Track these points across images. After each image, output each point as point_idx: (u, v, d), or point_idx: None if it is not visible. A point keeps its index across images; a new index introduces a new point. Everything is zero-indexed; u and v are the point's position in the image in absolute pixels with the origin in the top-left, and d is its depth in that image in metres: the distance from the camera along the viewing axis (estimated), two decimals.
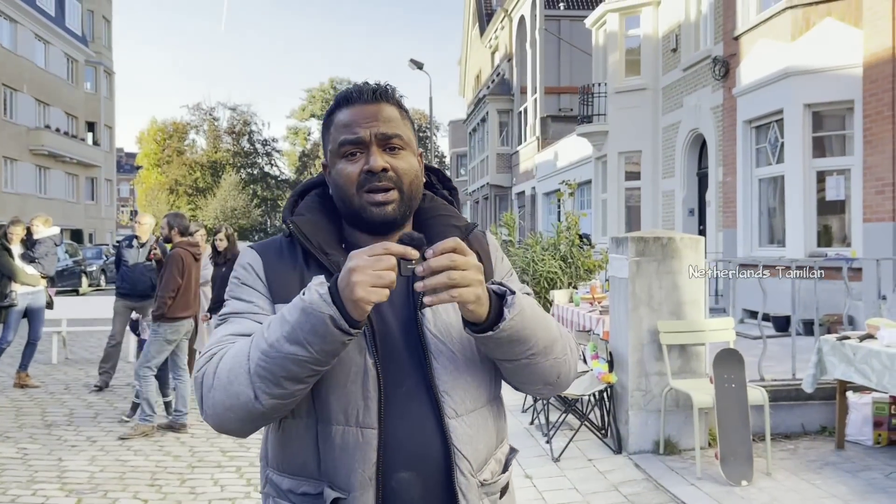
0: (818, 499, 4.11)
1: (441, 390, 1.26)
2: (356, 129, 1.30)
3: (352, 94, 1.33)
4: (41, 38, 32.79)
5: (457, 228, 1.39)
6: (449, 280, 1.09)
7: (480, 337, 1.20)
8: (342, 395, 1.24)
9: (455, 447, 1.25)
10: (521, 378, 1.32)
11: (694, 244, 5.20)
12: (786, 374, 5.58)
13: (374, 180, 1.28)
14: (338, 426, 1.24)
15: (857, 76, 8.78)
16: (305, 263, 1.31)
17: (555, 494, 4.33)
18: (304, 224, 1.33)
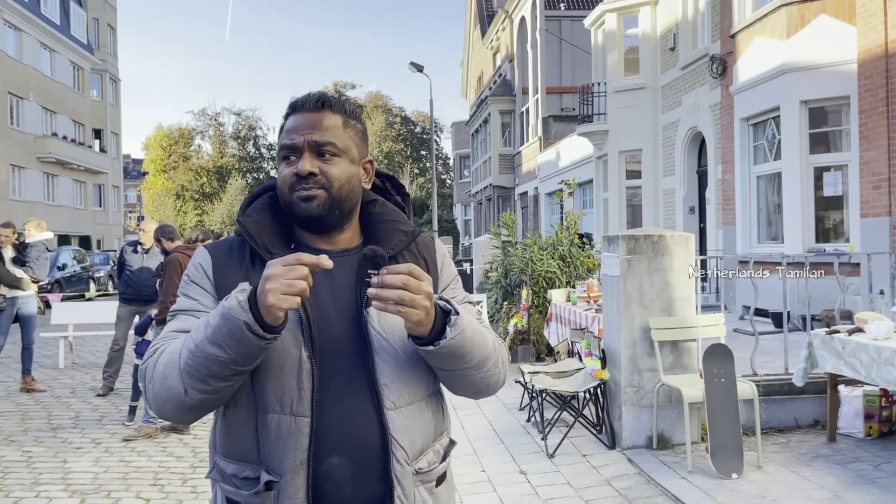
0: (807, 490, 4.18)
1: (381, 383, 1.35)
2: (293, 135, 1.40)
3: (297, 103, 1.43)
4: (47, 47, 33.06)
5: (403, 233, 1.48)
6: (398, 298, 1.19)
7: (421, 349, 1.30)
8: (278, 385, 1.32)
9: (392, 436, 1.34)
10: (451, 384, 1.43)
11: (684, 241, 5.27)
12: (780, 370, 5.64)
13: (303, 183, 1.37)
14: (273, 414, 1.32)
15: (852, 72, 8.82)
16: (252, 263, 1.40)
17: (549, 490, 4.40)
18: (251, 224, 1.42)
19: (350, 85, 57.19)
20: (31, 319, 7.69)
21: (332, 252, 1.38)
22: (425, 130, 51.69)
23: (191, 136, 55.99)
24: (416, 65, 25.07)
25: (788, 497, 4.08)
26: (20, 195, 30.48)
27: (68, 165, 34.49)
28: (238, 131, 56.11)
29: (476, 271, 13.11)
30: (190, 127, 55.90)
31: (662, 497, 4.20)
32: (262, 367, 1.31)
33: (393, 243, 1.45)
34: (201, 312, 1.37)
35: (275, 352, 1.30)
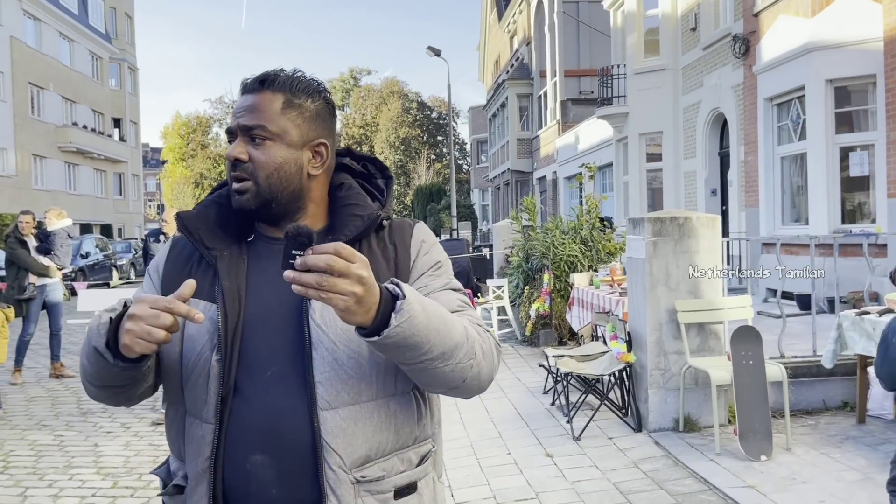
0: (837, 472, 4.15)
1: (317, 381, 1.23)
2: (232, 117, 1.34)
3: (244, 85, 1.35)
4: (66, 37, 33.30)
5: (358, 217, 1.35)
6: (317, 283, 1.04)
7: (366, 341, 1.14)
8: (191, 389, 1.28)
9: (323, 439, 1.22)
10: (421, 380, 1.26)
11: (711, 223, 5.22)
12: (808, 352, 5.59)
13: (233, 171, 1.31)
14: (190, 417, 1.29)
15: (878, 50, 8.65)
16: (198, 259, 1.34)
17: (575, 472, 4.41)
18: (191, 218, 1.35)
19: (366, 71, 57.16)
20: (57, 307, 7.81)
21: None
22: (441, 115, 51.53)
23: (208, 124, 56.24)
24: (434, 49, 24.96)
25: (819, 479, 4.06)
26: (42, 184, 30.84)
27: (89, 155, 34.81)
28: None
29: (496, 256, 13.09)
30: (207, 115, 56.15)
31: (691, 479, 4.19)
32: (183, 369, 1.28)
33: (347, 229, 1.33)
34: None
35: (193, 353, 1.27)
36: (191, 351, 1.27)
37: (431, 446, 1.38)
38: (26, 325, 7.58)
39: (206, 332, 1.25)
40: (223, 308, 1.26)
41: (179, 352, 1.29)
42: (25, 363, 7.72)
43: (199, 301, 1.26)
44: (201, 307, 1.26)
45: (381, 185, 1.46)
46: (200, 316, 1.11)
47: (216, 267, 1.30)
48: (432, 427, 1.39)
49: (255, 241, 1.36)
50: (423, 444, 1.35)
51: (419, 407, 1.34)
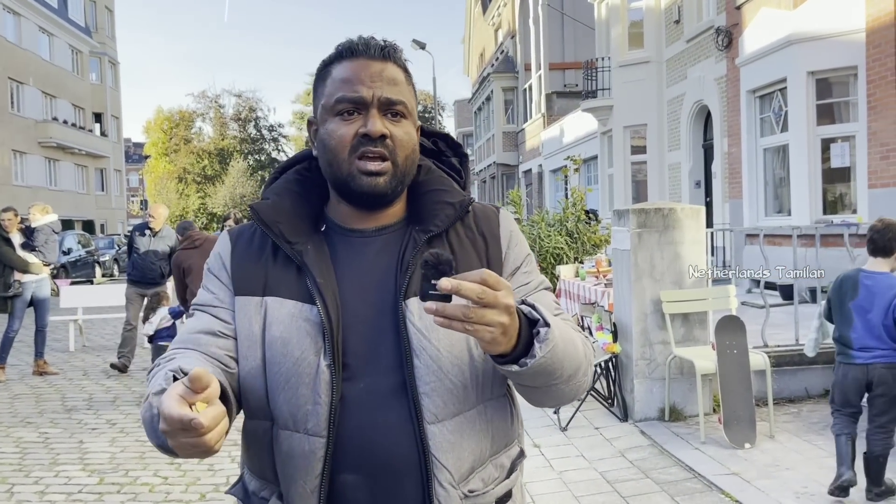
0: (819, 458, 4.21)
1: (421, 392, 1.12)
2: (358, 86, 1.15)
3: (357, 47, 1.18)
4: (45, 31, 32.87)
5: (448, 205, 1.22)
6: (464, 316, 0.94)
7: (503, 369, 1.05)
8: (291, 398, 1.12)
9: (433, 455, 1.11)
10: (532, 398, 1.18)
11: (695, 214, 5.26)
12: (790, 341, 5.66)
13: (370, 145, 1.14)
14: (286, 431, 1.13)
15: (860, 42, 8.74)
16: (273, 253, 1.20)
17: (562, 462, 4.44)
18: (267, 210, 1.21)
19: None
20: (44, 302, 7.76)
21: (366, 231, 1.21)
22: (427, 109, 51.44)
23: (191, 118, 55.77)
24: (419, 42, 24.90)
25: (801, 465, 4.12)
26: (23, 181, 30.47)
27: (70, 150, 34.44)
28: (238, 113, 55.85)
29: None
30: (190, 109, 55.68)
31: (676, 467, 4.24)
32: (274, 376, 1.13)
33: (438, 219, 1.20)
34: (219, 309, 1.19)
35: (289, 358, 1.12)
36: (285, 356, 1.13)
37: (519, 448, 1.28)
38: (11, 322, 7.50)
39: (305, 335, 1.12)
40: (324, 307, 1.12)
41: (262, 359, 1.15)
42: (8, 361, 7.65)
43: (286, 301, 1.15)
44: (289, 307, 1.14)
45: (454, 163, 1.33)
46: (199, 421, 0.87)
47: (304, 263, 1.15)
48: (518, 427, 1.28)
49: (330, 233, 1.22)
50: (513, 447, 1.26)
51: (512, 408, 1.25)
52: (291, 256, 1.16)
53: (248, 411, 1.19)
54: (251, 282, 1.17)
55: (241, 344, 1.17)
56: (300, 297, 1.14)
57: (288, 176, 1.27)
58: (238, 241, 1.24)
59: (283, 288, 1.15)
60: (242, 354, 1.16)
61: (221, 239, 1.28)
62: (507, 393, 1.24)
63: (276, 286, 1.16)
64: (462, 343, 1.14)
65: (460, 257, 1.19)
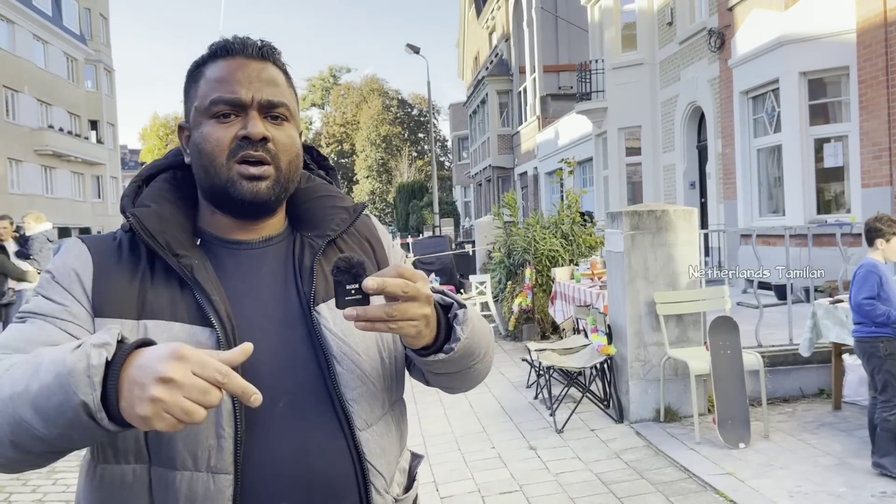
0: (813, 457, 4.23)
1: (348, 399, 1.06)
2: (235, 86, 1.07)
3: (233, 45, 1.10)
4: (39, 39, 32.86)
5: (343, 210, 1.19)
6: (387, 315, 0.92)
7: (426, 361, 1.04)
8: (189, 434, 0.98)
9: (369, 462, 1.07)
10: (449, 385, 1.17)
11: (687, 216, 5.29)
12: (784, 341, 5.69)
13: (250, 148, 1.06)
14: (185, 472, 0.99)
15: (851, 42, 8.79)
16: (150, 267, 1.06)
17: (558, 464, 4.46)
18: (149, 218, 1.07)
19: (346, 69, 57.00)
20: None
21: (252, 243, 1.12)
22: (422, 113, 51.48)
23: None
24: (413, 46, 24.94)
25: (795, 464, 4.14)
26: (19, 189, 30.44)
27: (66, 157, 34.41)
28: None
29: (479, 252, 13.15)
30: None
31: (671, 468, 4.26)
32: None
33: (333, 224, 1.16)
34: (68, 324, 1.00)
35: None
36: None
37: (409, 452, 1.25)
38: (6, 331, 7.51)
39: None
40: (221, 327, 1.01)
41: None
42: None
43: (171, 324, 1.01)
44: (175, 331, 1.00)
45: (323, 175, 1.27)
46: (258, 398, 0.82)
47: (194, 279, 1.03)
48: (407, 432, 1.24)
49: (209, 246, 1.11)
50: (406, 451, 1.23)
51: (405, 411, 1.23)
52: (179, 271, 1.04)
53: (111, 454, 1.01)
54: (121, 303, 1.02)
55: None
56: (188, 319, 1.02)
57: (159, 184, 1.15)
58: (100, 254, 1.07)
59: (164, 309, 1.02)
60: None
61: (73, 248, 1.09)
62: (403, 394, 1.22)
63: (157, 307, 1.02)
64: (374, 345, 1.12)
65: None
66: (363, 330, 0.94)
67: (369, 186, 47.84)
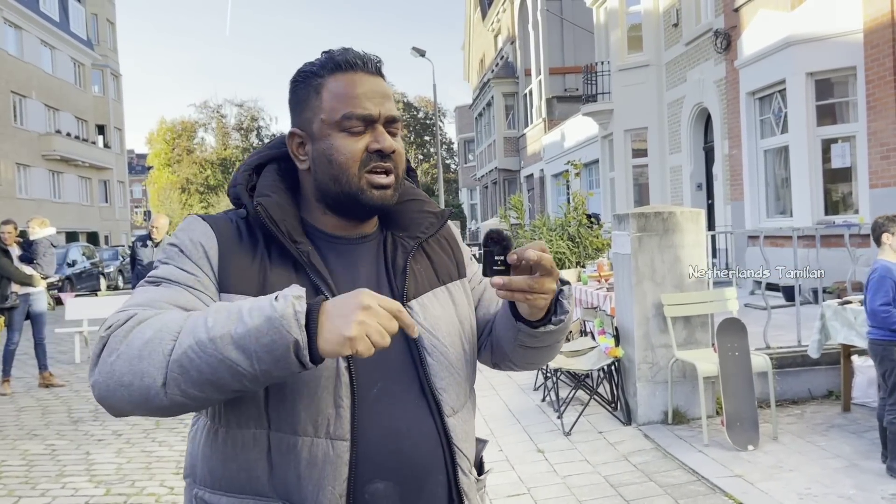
0: (822, 460, 4.21)
1: (438, 388, 1.17)
2: (366, 103, 1.16)
3: (355, 61, 1.18)
4: (47, 44, 33.05)
5: (431, 214, 1.29)
6: (528, 286, 1.05)
7: (537, 331, 1.17)
8: (311, 403, 1.08)
9: (456, 446, 1.18)
10: (533, 360, 1.29)
11: (694, 217, 5.28)
12: (793, 342, 5.66)
13: (380, 161, 1.16)
14: (305, 437, 1.08)
15: (858, 42, 8.76)
16: (267, 251, 1.15)
17: (566, 466, 4.45)
18: (273, 207, 1.16)
19: None
20: (41, 316, 7.79)
21: (350, 238, 1.22)
22: (428, 115, 51.52)
23: (193, 129, 55.93)
24: (419, 49, 24.96)
25: (804, 466, 4.12)
26: (27, 193, 30.60)
27: (73, 162, 34.58)
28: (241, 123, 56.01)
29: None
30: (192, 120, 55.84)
31: (680, 470, 4.24)
32: (287, 380, 1.07)
33: (423, 227, 1.26)
34: (200, 293, 1.10)
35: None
36: None
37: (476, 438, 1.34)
38: (10, 335, 7.55)
39: None
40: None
41: None
42: (14, 374, 7.69)
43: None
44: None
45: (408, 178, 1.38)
46: (418, 329, 0.97)
47: (310, 263, 1.13)
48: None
49: (312, 238, 1.20)
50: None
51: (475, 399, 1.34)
52: (297, 256, 1.14)
53: (233, 420, 1.11)
54: (244, 280, 1.11)
55: None
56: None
57: (272, 175, 1.23)
58: (223, 234, 1.15)
59: (283, 287, 1.07)
60: None
61: (196, 225, 1.17)
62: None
63: (277, 287, 1.06)
64: (458, 337, 1.22)
65: (438, 261, 1.28)
66: (503, 297, 1.08)
67: None
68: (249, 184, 1.22)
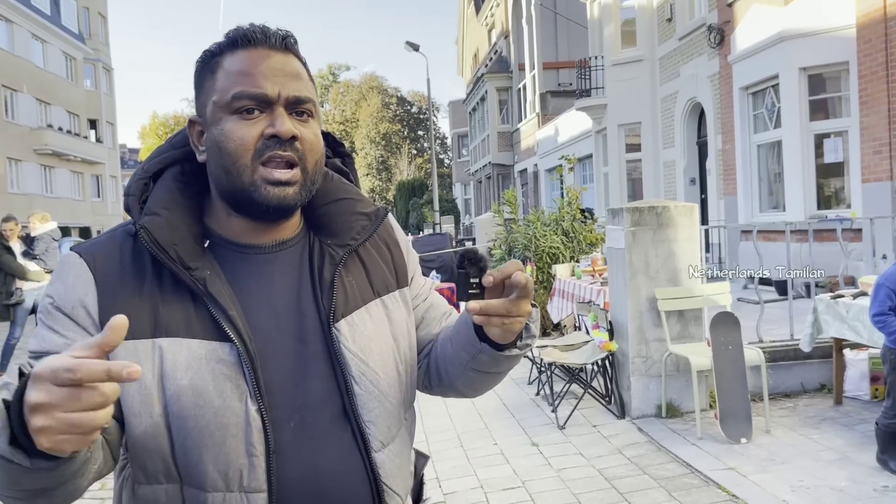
0: (815, 452, 4.24)
1: (365, 420, 1.03)
2: (260, 80, 0.98)
3: (255, 35, 1.00)
4: (38, 38, 32.85)
5: (363, 216, 1.11)
6: (506, 311, 0.92)
7: (501, 355, 1.03)
8: (219, 455, 0.95)
9: (384, 483, 1.04)
10: (483, 387, 1.15)
11: (688, 212, 5.30)
12: (786, 336, 5.70)
13: (278, 148, 0.98)
14: (216, 493, 0.96)
15: (850, 37, 8.79)
16: (157, 280, 0.98)
17: (560, 460, 4.47)
18: (160, 230, 0.98)
19: (345, 67, 57.00)
20: None
21: (264, 247, 1.05)
22: (422, 110, 51.48)
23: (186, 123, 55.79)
24: (412, 44, 24.93)
25: (797, 459, 4.15)
26: (18, 188, 30.46)
27: (65, 157, 34.43)
28: None
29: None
30: (185, 114, 55.64)
31: (673, 463, 4.27)
32: (189, 431, 0.94)
33: (354, 232, 1.09)
34: None
35: (209, 409, 0.94)
36: (202, 407, 0.94)
37: (415, 453, 1.21)
38: (13, 330, 7.58)
39: (223, 378, 0.95)
40: (242, 343, 0.96)
41: (163, 414, 0.94)
42: (11, 368, 7.67)
43: (188, 341, 0.95)
44: (194, 349, 0.95)
45: (338, 164, 1.19)
46: (136, 369, 0.70)
47: (208, 293, 0.97)
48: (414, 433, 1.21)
49: (217, 250, 1.03)
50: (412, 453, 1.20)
51: (414, 416, 1.18)
52: (191, 286, 0.96)
53: (141, 475, 0.98)
54: (133, 321, 0.88)
55: (129, 398, 0.94)
56: (205, 335, 0.96)
57: (168, 184, 1.05)
58: (100, 268, 0.98)
59: (180, 326, 0.96)
60: (133, 411, 0.94)
61: (70, 267, 0.98)
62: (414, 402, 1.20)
63: (171, 324, 0.95)
64: (392, 361, 1.08)
65: (374, 270, 1.12)
66: (479, 322, 0.95)
67: (369, 184, 47.85)
68: (144, 195, 1.04)
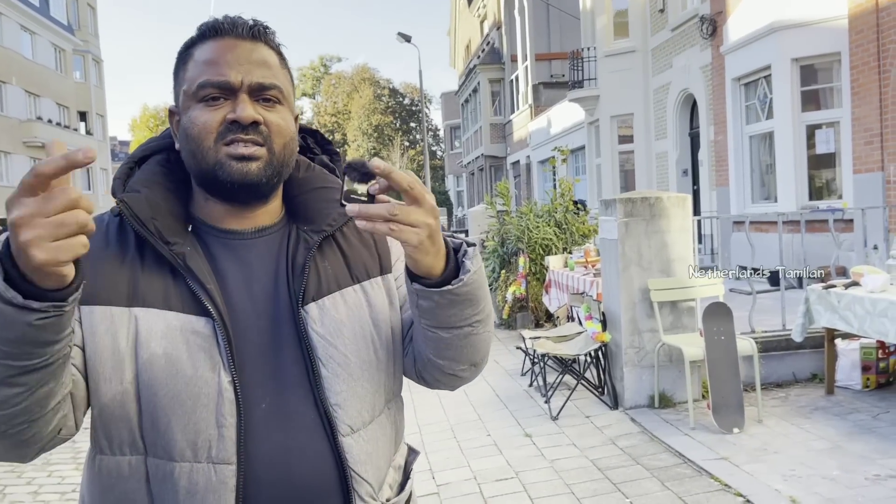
0: (807, 441, 4.26)
1: (332, 403, 1.03)
2: (224, 69, 1.02)
3: (222, 26, 1.04)
4: (27, 29, 32.57)
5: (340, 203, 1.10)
6: (388, 213, 0.88)
7: (437, 291, 0.97)
8: (188, 424, 0.97)
9: (352, 470, 1.04)
10: (453, 353, 1.07)
11: (681, 203, 5.30)
12: (778, 326, 5.71)
13: (239, 132, 1.01)
14: (183, 463, 0.97)
15: (842, 28, 8.80)
16: (139, 254, 1.02)
17: (554, 451, 4.48)
18: (139, 203, 1.02)
19: (336, 58, 56.79)
20: None
21: (244, 232, 1.08)
22: (414, 102, 51.34)
23: None
24: (404, 35, 24.83)
25: (789, 449, 4.17)
26: (8, 181, 30.27)
27: None
28: None
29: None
30: None
31: (666, 454, 4.28)
32: (159, 399, 0.96)
33: (330, 218, 1.11)
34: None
35: (181, 378, 0.97)
36: (173, 376, 0.97)
37: (406, 445, 1.21)
38: None
39: (198, 349, 0.98)
40: (220, 316, 0.99)
41: (134, 381, 0.97)
42: None
43: (164, 312, 0.99)
44: (170, 320, 0.98)
45: (325, 161, 1.23)
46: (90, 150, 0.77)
47: (187, 267, 1.00)
48: (404, 427, 1.21)
49: (200, 234, 1.08)
50: (402, 446, 1.19)
51: (402, 407, 1.19)
52: (171, 259, 1.00)
53: (105, 445, 1.00)
54: (109, 290, 0.98)
55: (101, 363, 0.97)
56: (183, 308, 0.99)
57: (152, 167, 1.10)
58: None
59: (157, 297, 0.99)
60: (103, 376, 0.97)
61: None
62: (401, 389, 1.19)
63: (149, 295, 0.99)
64: (368, 343, 1.08)
65: (353, 256, 1.13)
66: (363, 229, 0.89)
67: None
68: (128, 178, 1.09)
